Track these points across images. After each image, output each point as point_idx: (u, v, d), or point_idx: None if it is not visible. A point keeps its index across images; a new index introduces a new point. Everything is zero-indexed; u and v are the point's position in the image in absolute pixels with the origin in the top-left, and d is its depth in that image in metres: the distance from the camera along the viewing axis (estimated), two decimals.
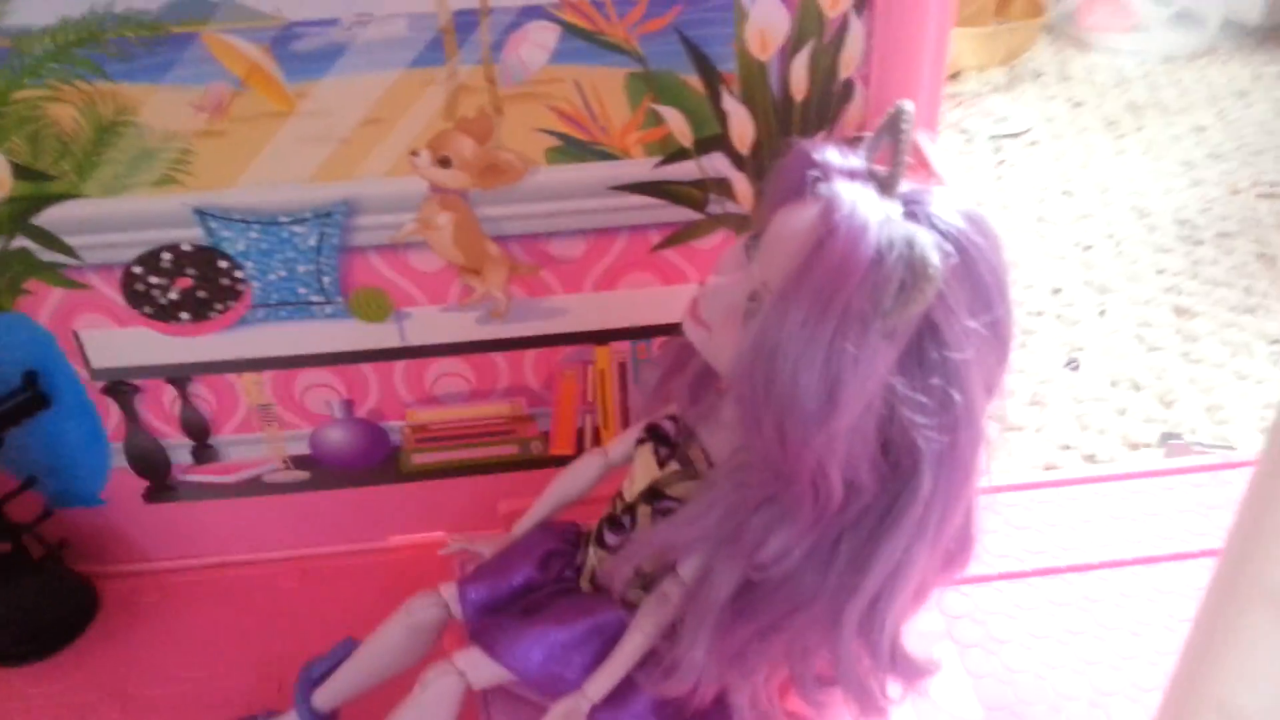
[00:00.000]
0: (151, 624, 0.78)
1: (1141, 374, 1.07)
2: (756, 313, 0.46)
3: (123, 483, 0.77)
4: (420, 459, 0.78)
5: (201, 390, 0.73)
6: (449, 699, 0.56)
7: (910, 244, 0.43)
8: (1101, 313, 1.15)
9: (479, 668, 0.57)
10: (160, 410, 0.73)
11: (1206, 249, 1.25)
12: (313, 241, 0.67)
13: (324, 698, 0.63)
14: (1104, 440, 0.99)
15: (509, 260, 0.69)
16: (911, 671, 0.54)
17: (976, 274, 0.45)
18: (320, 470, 0.78)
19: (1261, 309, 1.14)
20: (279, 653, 0.74)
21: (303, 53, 0.60)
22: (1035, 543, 0.85)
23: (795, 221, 0.46)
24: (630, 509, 0.57)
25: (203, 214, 0.65)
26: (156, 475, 0.76)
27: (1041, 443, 0.99)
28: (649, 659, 0.55)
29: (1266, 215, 1.29)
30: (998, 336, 0.47)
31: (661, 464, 0.56)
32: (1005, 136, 1.48)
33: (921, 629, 0.79)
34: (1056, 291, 1.17)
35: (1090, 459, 0.97)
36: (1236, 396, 1.03)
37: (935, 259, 0.43)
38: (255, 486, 0.78)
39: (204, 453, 0.76)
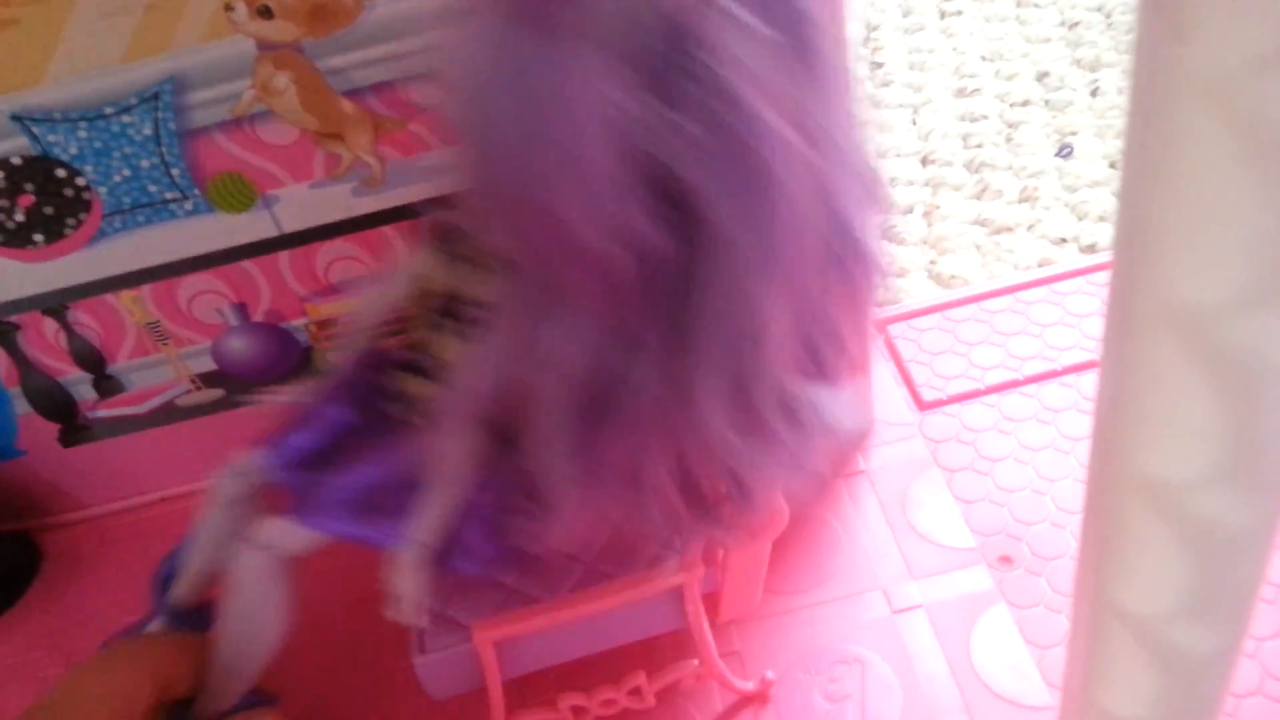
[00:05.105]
0: (94, 572, 0.74)
1: None
2: None
3: (35, 429, 0.72)
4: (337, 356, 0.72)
5: (82, 317, 0.67)
6: (261, 576, 0.48)
7: None
8: (1094, 92, 1.03)
9: (286, 535, 0.48)
10: (47, 345, 0.68)
11: None
12: (148, 130, 0.60)
13: (183, 592, 0.58)
14: (1104, 228, 0.89)
15: (369, 117, 0.61)
16: (818, 426, 0.43)
17: None
18: (234, 384, 0.72)
19: None
20: None
21: None
22: (1025, 348, 0.77)
23: None
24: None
25: (19, 118, 0.58)
26: (65, 415, 0.72)
27: (1034, 241, 0.90)
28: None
29: None
30: (797, 45, 0.35)
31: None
32: None
33: (906, 456, 0.72)
34: (1043, 76, 1.06)
35: (1090, 249, 0.88)
36: None
37: None
38: (171, 412, 0.72)
39: (106, 384, 0.70)
